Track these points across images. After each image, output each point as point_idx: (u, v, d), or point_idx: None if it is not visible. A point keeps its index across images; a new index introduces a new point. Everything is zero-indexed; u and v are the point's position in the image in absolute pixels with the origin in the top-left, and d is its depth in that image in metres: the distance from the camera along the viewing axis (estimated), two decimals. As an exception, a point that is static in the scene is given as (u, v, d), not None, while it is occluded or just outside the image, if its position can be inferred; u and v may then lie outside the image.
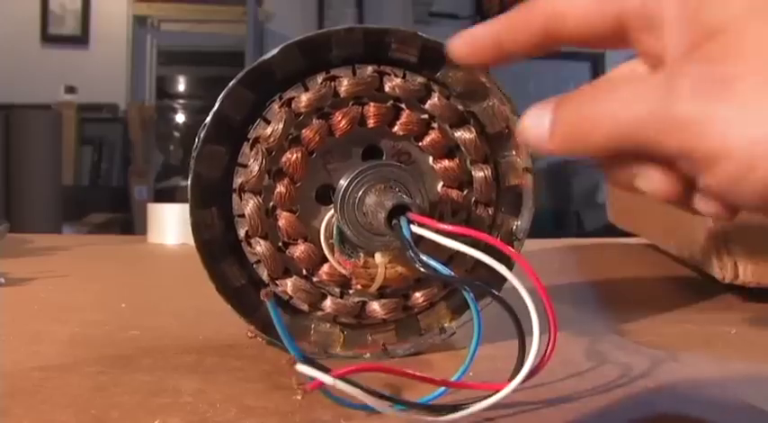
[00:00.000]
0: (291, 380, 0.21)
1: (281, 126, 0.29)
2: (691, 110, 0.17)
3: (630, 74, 0.23)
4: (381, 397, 0.22)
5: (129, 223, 3.05)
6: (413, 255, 0.25)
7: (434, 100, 0.31)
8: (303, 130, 0.30)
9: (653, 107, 0.18)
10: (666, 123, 0.18)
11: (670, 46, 0.20)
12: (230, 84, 0.30)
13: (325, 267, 0.31)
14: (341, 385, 0.21)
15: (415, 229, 0.26)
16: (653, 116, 0.18)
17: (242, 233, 0.31)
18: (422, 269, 0.25)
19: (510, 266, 0.32)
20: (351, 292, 0.32)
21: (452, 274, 0.26)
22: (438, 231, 0.25)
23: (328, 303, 0.31)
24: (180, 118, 3.95)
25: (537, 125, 0.21)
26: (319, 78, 0.30)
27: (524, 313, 0.22)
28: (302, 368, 0.21)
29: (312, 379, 0.21)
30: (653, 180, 0.20)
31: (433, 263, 0.25)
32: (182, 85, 4.01)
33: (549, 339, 0.23)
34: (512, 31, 0.23)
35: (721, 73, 0.17)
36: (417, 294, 0.32)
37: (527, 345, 0.22)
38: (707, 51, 0.18)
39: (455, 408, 0.23)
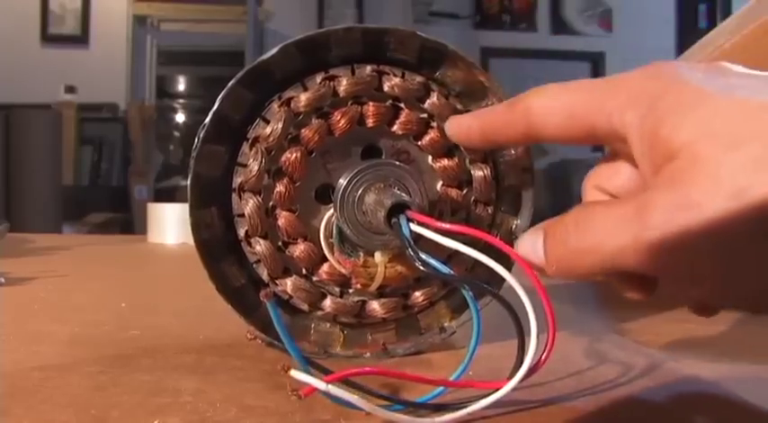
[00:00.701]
0: (286, 385, 0.21)
1: (280, 126, 0.29)
2: (665, 239, 0.19)
3: (609, 183, 0.26)
4: (379, 397, 0.22)
5: (129, 223, 3.06)
6: (412, 253, 0.25)
7: (433, 99, 0.31)
8: (302, 130, 0.30)
9: (631, 238, 0.20)
10: (645, 252, 0.19)
11: (637, 157, 0.22)
12: (229, 84, 0.30)
13: (325, 267, 0.31)
14: (334, 391, 0.21)
15: (414, 227, 0.26)
16: (632, 246, 0.20)
17: (242, 233, 0.31)
18: (421, 267, 0.25)
19: (509, 265, 0.32)
20: (350, 291, 0.32)
21: (452, 272, 0.26)
22: (437, 230, 0.25)
23: (328, 303, 0.31)
24: (180, 118, 3.95)
25: (533, 253, 0.23)
26: (318, 78, 0.30)
27: (523, 312, 0.22)
28: (295, 374, 0.21)
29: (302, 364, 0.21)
30: (639, 291, 0.24)
31: (432, 261, 0.25)
32: (182, 85, 4.01)
33: (548, 338, 0.23)
34: (496, 129, 0.26)
35: (686, 199, 0.19)
36: (417, 293, 0.32)
37: (526, 344, 0.22)
38: (669, 175, 0.20)
39: (454, 407, 0.23)
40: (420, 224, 0.26)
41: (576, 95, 0.24)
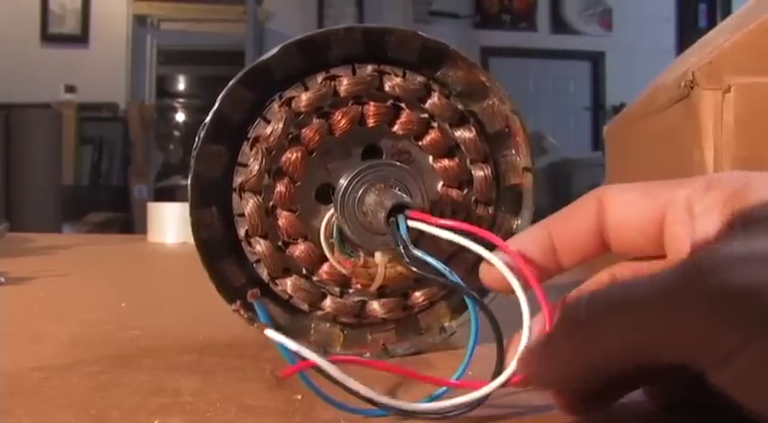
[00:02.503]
0: (287, 385, 0.21)
1: (280, 125, 0.29)
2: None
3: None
4: (363, 399, 0.22)
5: (129, 222, 3.06)
6: (403, 251, 0.25)
7: (434, 99, 0.31)
8: (303, 130, 0.30)
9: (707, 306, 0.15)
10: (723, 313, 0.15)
11: (699, 231, 0.20)
12: (230, 83, 0.30)
13: (325, 267, 0.31)
14: (323, 365, 0.20)
15: (412, 223, 0.26)
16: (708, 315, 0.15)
17: (242, 232, 0.31)
18: (413, 269, 0.25)
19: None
20: (351, 291, 0.32)
21: (445, 271, 0.26)
22: (435, 226, 0.25)
23: (328, 303, 0.31)
24: (180, 117, 3.95)
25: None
26: (319, 78, 0.30)
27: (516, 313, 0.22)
28: (270, 334, 0.21)
29: (291, 361, 0.21)
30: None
31: (428, 258, 0.25)
32: (181, 85, 4.01)
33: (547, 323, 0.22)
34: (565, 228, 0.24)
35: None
36: (417, 294, 0.32)
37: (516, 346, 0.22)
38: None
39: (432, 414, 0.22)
40: (419, 221, 0.26)
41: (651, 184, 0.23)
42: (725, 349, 0.14)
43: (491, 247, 0.24)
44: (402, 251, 0.25)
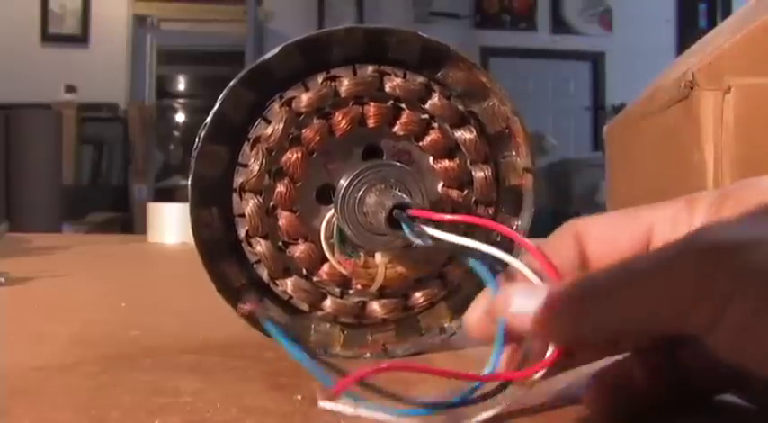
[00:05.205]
0: (286, 386, 0.21)
1: (281, 126, 0.29)
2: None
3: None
4: (397, 401, 0.21)
5: (129, 222, 3.06)
6: (417, 235, 0.25)
7: (435, 100, 0.31)
8: (303, 130, 0.30)
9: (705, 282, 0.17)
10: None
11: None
12: (230, 84, 0.30)
13: (326, 267, 0.31)
14: (365, 413, 0.20)
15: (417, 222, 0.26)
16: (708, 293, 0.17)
17: (242, 233, 0.31)
18: (426, 242, 0.25)
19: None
20: (351, 291, 0.32)
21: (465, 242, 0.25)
22: (439, 221, 0.25)
23: (328, 303, 0.31)
24: (180, 117, 3.95)
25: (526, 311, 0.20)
26: (320, 78, 0.30)
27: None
28: (324, 405, 0.21)
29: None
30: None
31: (440, 234, 0.25)
32: (182, 85, 4.01)
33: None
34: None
35: None
36: (417, 294, 0.32)
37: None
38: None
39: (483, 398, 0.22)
40: (421, 220, 0.26)
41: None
42: (716, 303, 0.16)
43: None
44: (416, 234, 0.25)
